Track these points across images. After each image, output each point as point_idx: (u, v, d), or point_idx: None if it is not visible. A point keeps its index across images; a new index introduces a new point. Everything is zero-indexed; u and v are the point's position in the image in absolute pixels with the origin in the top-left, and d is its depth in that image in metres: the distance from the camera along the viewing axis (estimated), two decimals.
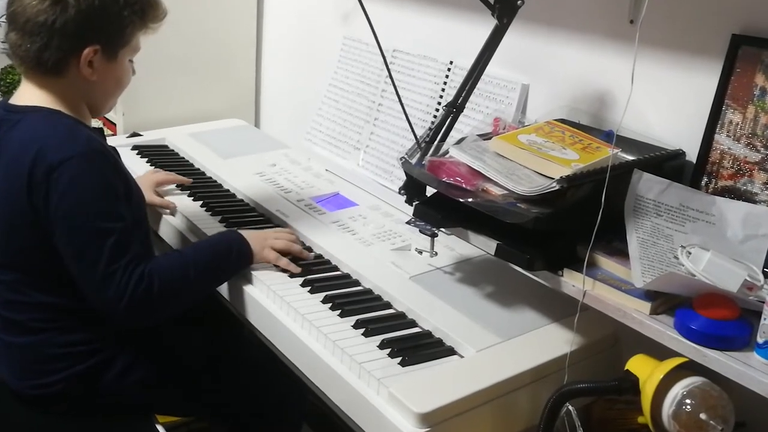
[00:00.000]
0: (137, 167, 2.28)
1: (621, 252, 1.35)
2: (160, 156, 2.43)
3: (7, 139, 1.53)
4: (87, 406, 1.61)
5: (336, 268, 1.76)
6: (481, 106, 1.93)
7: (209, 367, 1.76)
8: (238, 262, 1.68)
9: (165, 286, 1.52)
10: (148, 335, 1.66)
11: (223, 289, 1.74)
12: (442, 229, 1.69)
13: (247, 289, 1.68)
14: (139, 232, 1.60)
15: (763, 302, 1.16)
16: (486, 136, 1.58)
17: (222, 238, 1.71)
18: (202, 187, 2.18)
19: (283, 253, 1.72)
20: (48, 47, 1.51)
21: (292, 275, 1.69)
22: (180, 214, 2.00)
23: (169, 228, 2.00)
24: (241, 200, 2.12)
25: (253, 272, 1.70)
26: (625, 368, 1.30)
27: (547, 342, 1.49)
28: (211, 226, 1.92)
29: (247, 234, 1.71)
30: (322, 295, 1.62)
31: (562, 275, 1.37)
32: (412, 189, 1.57)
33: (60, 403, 1.59)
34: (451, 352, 1.47)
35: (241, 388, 1.77)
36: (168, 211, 2.02)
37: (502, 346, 1.47)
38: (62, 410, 1.59)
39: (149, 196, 1.97)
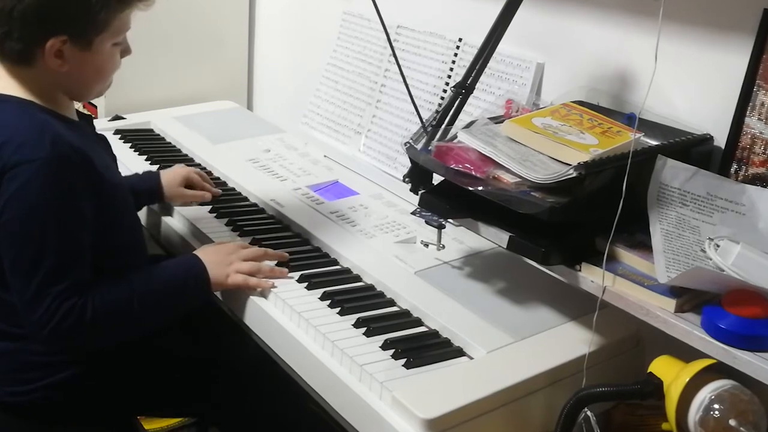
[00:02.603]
0: (120, 153, 2.27)
1: (643, 245, 1.35)
2: (144, 141, 2.42)
3: None
4: (68, 413, 1.61)
5: (335, 262, 1.76)
6: (492, 87, 1.93)
7: (198, 370, 1.76)
8: (195, 295, 1.65)
9: (99, 322, 1.49)
10: (133, 340, 1.66)
11: None
12: (450, 220, 1.69)
13: None
14: (117, 241, 1.59)
15: None
16: (497, 120, 1.58)
17: (178, 269, 1.66)
18: None
19: (251, 274, 1.67)
20: (9, 37, 1.48)
21: (288, 270, 1.69)
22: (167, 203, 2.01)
23: (154, 218, 2.00)
24: (233, 189, 2.12)
25: None
26: (648, 371, 1.29)
27: (564, 342, 1.49)
28: (201, 216, 1.93)
29: (209, 258, 1.65)
30: (320, 291, 1.62)
31: (579, 270, 1.37)
32: (417, 176, 1.56)
33: (40, 410, 1.59)
34: (459, 353, 1.47)
35: (233, 391, 1.77)
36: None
37: (515, 346, 1.47)
38: (42, 417, 1.59)
39: (177, 191, 1.97)
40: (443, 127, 1.56)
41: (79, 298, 1.47)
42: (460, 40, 2.03)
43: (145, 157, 2.30)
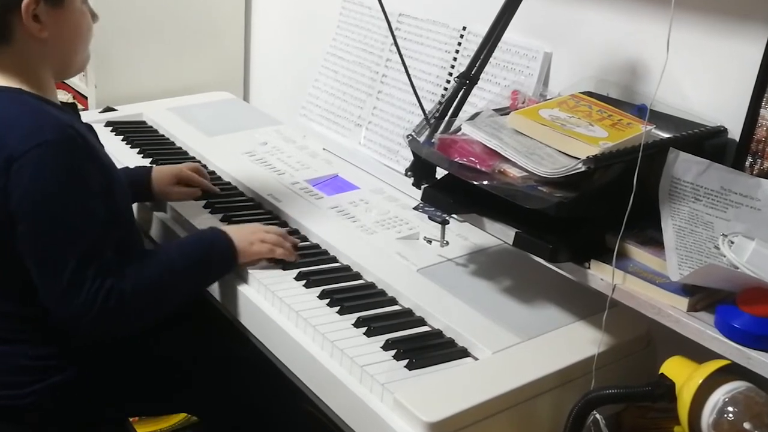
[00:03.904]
0: (112, 146, 2.27)
1: (655, 241, 1.35)
2: (137, 133, 2.42)
3: None
4: (60, 417, 1.61)
5: (334, 260, 1.76)
6: (497, 78, 1.93)
7: (194, 373, 1.76)
8: (222, 264, 1.66)
9: (138, 298, 1.50)
10: (126, 341, 1.66)
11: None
12: (454, 216, 1.69)
13: (236, 284, 1.68)
14: (117, 231, 1.58)
15: None
16: (503, 111, 1.57)
17: (201, 237, 1.69)
18: None
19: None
20: None
21: (285, 267, 1.69)
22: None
23: (145, 213, 2.00)
24: (229, 183, 2.11)
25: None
26: (660, 372, 1.29)
27: (572, 342, 1.49)
28: (196, 212, 1.92)
29: (232, 231, 1.68)
30: (318, 289, 1.62)
31: (588, 267, 1.37)
32: (420, 170, 1.56)
33: (31, 414, 1.59)
34: (463, 353, 1.47)
35: (230, 392, 1.77)
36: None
37: (522, 346, 1.47)
38: (33, 421, 1.59)
39: (166, 189, 1.96)
40: (447, 119, 1.56)
41: (115, 278, 1.48)
42: (464, 28, 2.03)
43: (137, 150, 2.30)
